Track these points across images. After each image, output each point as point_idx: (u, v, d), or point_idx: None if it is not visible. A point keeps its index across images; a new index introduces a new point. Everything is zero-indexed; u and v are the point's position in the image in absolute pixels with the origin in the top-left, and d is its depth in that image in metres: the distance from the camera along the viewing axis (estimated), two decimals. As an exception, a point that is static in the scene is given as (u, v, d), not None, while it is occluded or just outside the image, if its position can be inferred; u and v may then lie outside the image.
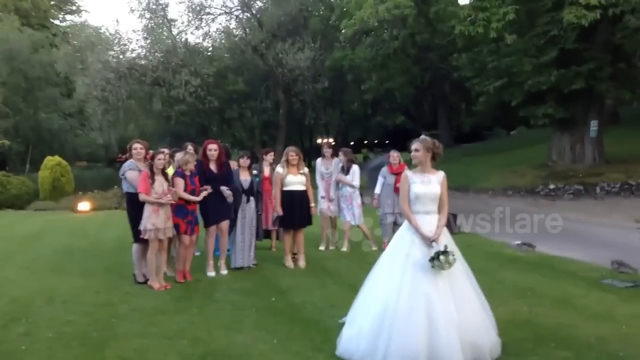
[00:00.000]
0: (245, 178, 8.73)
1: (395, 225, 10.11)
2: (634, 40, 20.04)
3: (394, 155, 10.36)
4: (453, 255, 4.64)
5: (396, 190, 10.04)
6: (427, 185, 4.98)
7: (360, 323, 4.82)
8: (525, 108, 22.96)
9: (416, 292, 4.59)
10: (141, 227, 7.32)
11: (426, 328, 4.46)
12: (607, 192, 19.93)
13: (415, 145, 5.08)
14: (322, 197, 10.23)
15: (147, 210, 7.30)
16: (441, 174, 5.07)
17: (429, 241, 4.78)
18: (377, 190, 10.28)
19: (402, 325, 4.50)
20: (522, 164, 25.33)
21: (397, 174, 10.06)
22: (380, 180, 10.32)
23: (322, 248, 10.18)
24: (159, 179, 7.39)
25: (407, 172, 5.14)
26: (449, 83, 36.85)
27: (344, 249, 10.06)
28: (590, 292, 7.05)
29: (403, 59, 33.08)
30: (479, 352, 4.55)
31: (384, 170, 10.34)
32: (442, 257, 4.59)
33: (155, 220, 7.29)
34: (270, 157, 10.00)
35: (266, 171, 9.80)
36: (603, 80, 20.98)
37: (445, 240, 4.89)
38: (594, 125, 22.35)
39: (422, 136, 5.21)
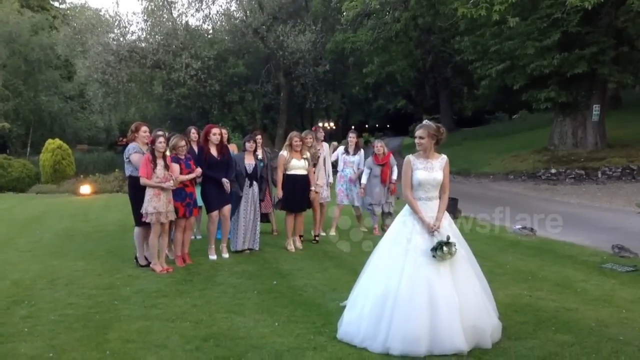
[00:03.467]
0: (249, 162, 8.73)
1: (385, 214, 10.15)
2: (637, 24, 19.86)
3: (378, 146, 10.28)
4: (455, 245, 4.65)
5: (383, 181, 10.07)
6: (430, 171, 4.95)
7: (361, 307, 4.84)
8: (527, 92, 22.87)
9: (417, 276, 4.61)
10: (142, 211, 7.33)
11: (427, 312, 4.49)
12: (609, 176, 19.91)
13: (419, 132, 5.01)
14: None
15: (149, 193, 7.31)
16: (444, 159, 5.04)
17: (431, 229, 4.78)
18: (364, 180, 10.20)
19: (404, 309, 4.52)
20: (524, 149, 25.30)
21: (383, 164, 10.07)
22: (366, 171, 10.25)
23: (332, 233, 10.11)
24: (160, 162, 7.38)
25: (410, 157, 5.05)
26: (451, 66, 36.69)
27: (332, 233, 10.04)
28: (591, 276, 7.07)
29: (405, 42, 32.87)
30: (480, 335, 4.57)
31: (369, 161, 10.24)
32: (445, 248, 4.61)
33: (156, 204, 7.30)
34: (258, 139, 9.74)
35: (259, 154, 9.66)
36: (606, 64, 20.86)
37: (447, 224, 4.90)
38: (596, 109, 22.28)
39: (426, 122, 5.15)
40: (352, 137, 10.48)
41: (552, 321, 5.32)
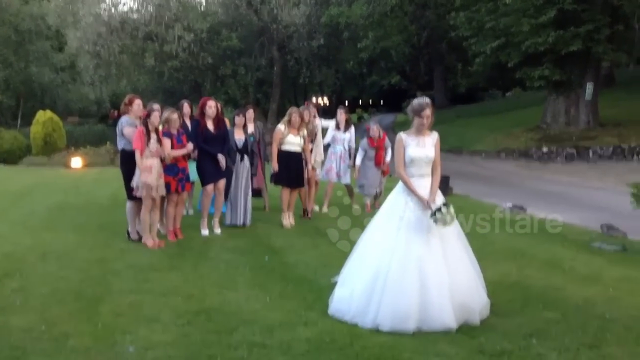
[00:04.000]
0: (239, 137, 8.69)
1: (376, 194, 10.19)
2: (633, 2, 19.83)
3: (374, 129, 10.23)
4: (452, 208, 4.69)
5: (377, 163, 10.08)
6: (422, 148, 4.93)
7: (352, 284, 4.89)
8: (521, 69, 22.84)
9: (409, 254, 4.65)
10: (133, 184, 7.29)
11: (418, 289, 4.54)
12: (600, 155, 20.03)
13: (429, 111, 4.89)
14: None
15: (139, 168, 7.26)
16: (435, 136, 5.01)
17: (426, 204, 4.79)
18: (358, 162, 10.22)
19: (394, 286, 4.57)
20: (517, 127, 25.35)
21: (378, 147, 10.06)
22: (360, 153, 10.26)
23: (325, 210, 10.14)
24: (154, 136, 7.34)
25: (402, 135, 5.01)
26: (446, 43, 36.47)
27: (325, 209, 10.06)
28: (579, 254, 7.15)
29: (400, 16, 32.62)
30: (469, 312, 4.64)
31: (364, 143, 10.22)
32: (443, 209, 4.64)
33: (147, 178, 7.27)
34: (249, 114, 9.56)
35: (250, 128, 9.58)
36: (600, 42, 20.83)
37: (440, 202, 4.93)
38: (589, 87, 22.29)
39: (425, 98, 5.09)
40: (341, 114, 10.42)
41: (540, 299, 5.39)
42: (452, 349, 4.21)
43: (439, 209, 4.66)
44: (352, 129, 10.44)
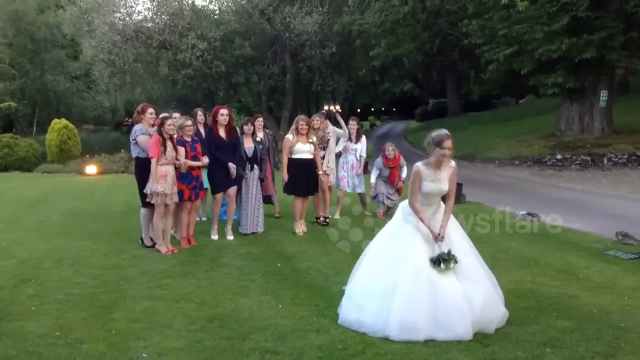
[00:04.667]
0: (249, 146, 8.74)
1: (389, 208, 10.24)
2: (647, 9, 19.68)
3: (389, 150, 10.31)
4: (455, 260, 4.68)
5: (391, 182, 10.21)
6: (437, 183, 4.90)
7: (360, 296, 4.86)
8: (534, 77, 22.74)
9: (419, 265, 4.67)
10: (147, 191, 7.35)
11: (429, 301, 4.54)
12: (615, 163, 19.84)
13: (449, 142, 4.81)
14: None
15: (155, 175, 7.32)
16: (452, 167, 4.96)
17: (436, 238, 4.81)
18: (373, 180, 10.33)
19: (404, 298, 4.57)
20: (530, 134, 25.20)
21: (393, 167, 10.14)
22: (375, 172, 10.37)
23: (337, 217, 10.16)
24: (169, 144, 7.41)
25: (420, 168, 4.92)
26: (458, 50, 36.44)
27: (336, 216, 10.07)
28: (594, 263, 7.09)
29: (412, 24, 32.66)
30: (484, 324, 4.61)
31: (379, 162, 10.35)
32: (442, 265, 4.66)
33: (163, 185, 7.33)
34: (259, 123, 9.58)
35: (259, 136, 9.61)
36: (614, 49, 20.69)
37: (455, 226, 4.95)
38: (603, 95, 22.14)
39: (444, 130, 4.96)
40: (353, 125, 10.43)
41: (554, 307, 5.35)
42: (465, 357, 4.19)
43: (440, 262, 4.65)
44: (364, 139, 10.52)
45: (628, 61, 21.60)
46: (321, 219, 9.59)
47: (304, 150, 8.73)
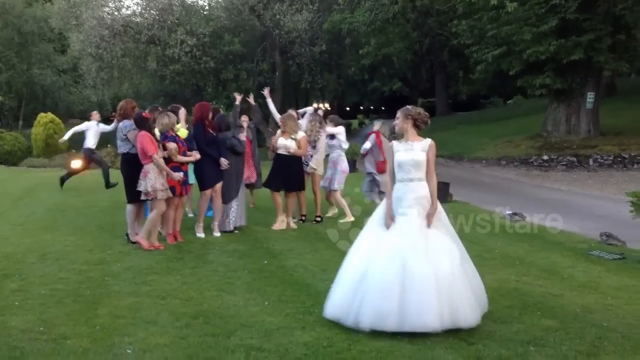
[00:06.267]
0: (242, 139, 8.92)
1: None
2: (635, 12, 19.83)
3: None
4: None
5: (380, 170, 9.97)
6: (409, 152, 5.00)
7: (338, 282, 4.98)
8: (522, 78, 22.85)
9: (393, 255, 4.71)
10: (147, 189, 7.23)
11: (399, 290, 4.57)
12: (600, 164, 20.02)
13: (398, 113, 5.15)
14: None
15: (154, 171, 7.25)
16: (427, 142, 5.04)
17: (388, 218, 4.93)
18: (368, 146, 10.08)
19: (376, 286, 4.63)
20: (517, 134, 25.35)
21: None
22: (368, 144, 10.11)
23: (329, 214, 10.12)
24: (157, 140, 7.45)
25: (394, 142, 5.17)
26: (448, 50, 36.53)
27: (350, 217, 9.97)
28: (578, 263, 7.15)
29: (402, 24, 32.63)
30: (459, 316, 4.59)
31: (373, 138, 10.13)
32: None
33: (163, 181, 7.31)
34: (244, 119, 9.69)
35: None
36: (602, 51, 20.85)
37: (440, 216, 4.99)
38: (590, 96, 22.31)
39: (410, 106, 5.25)
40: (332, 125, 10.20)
41: (538, 306, 5.40)
42: (450, 355, 4.22)
43: None
44: (340, 128, 10.25)
45: (615, 63, 21.77)
46: (314, 218, 9.56)
47: (284, 145, 8.83)
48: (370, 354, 4.22)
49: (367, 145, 10.12)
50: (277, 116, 10.22)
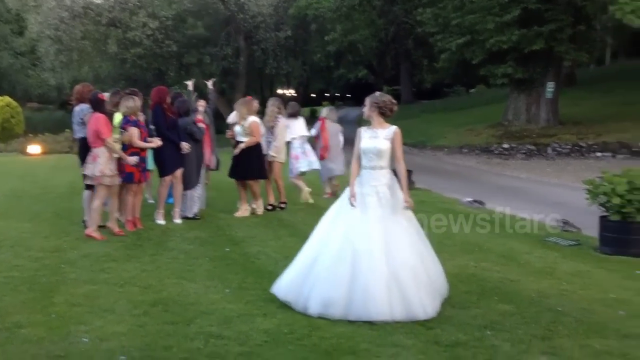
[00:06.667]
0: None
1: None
2: (595, 3, 20.26)
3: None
4: None
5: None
6: (373, 140, 5.03)
7: (293, 266, 5.07)
8: (485, 67, 23.15)
9: (346, 244, 4.75)
10: (95, 173, 7.08)
11: (348, 279, 4.63)
12: (559, 152, 20.45)
13: (366, 100, 5.17)
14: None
15: (104, 156, 7.08)
16: (391, 130, 5.06)
17: (351, 198, 4.94)
18: (314, 132, 10.52)
19: (327, 273, 4.69)
20: (479, 123, 25.72)
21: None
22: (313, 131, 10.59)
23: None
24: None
25: (361, 128, 5.19)
26: (413, 38, 36.67)
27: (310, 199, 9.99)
28: (535, 249, 7.29)
29: (368, 11, 32.67)
30: (411, 310, 4.61)
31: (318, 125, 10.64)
32: None
33: (112, 167, 7.14)
34: (201, 104, 9.50)
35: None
36: (562, 41, 21.25)
37: (390, 194, 5.00)
38: (550, 86, 22.75)
39: (378, 92, 5.25)
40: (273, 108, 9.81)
41: (495, 291, 5.49)
42: (409, 340, 4.26)
43: None
44: (279, 122, 9.71)
45: (575, 54, 22.25)
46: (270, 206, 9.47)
47: (238, 132, 8.79)
48: (330, 340, 4.23)
49: (313, 132, 10.45)
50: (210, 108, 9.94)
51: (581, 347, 4.19)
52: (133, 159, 7.34)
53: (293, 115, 10.20)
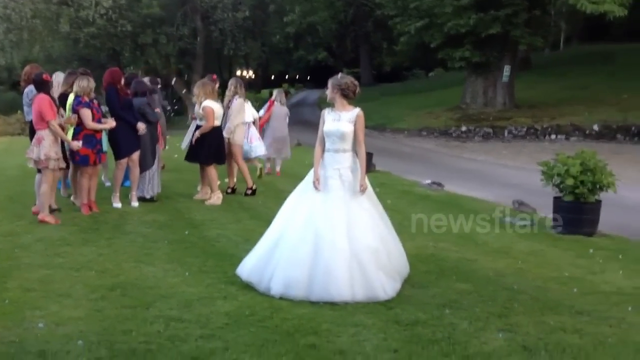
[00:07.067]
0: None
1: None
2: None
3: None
4: None
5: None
6: (336, 122, 5.00)
7: (256, 247, 5.06)
8: (443, 50, 23.39)
9: (308, 225, 4.77)
10: (40, 157, 6.80)
11: (310, 260, 4.66)
12: (514, 135, 20.92)
13: (328, 82, 5.12)
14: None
15: (49, 138, 6.83)
16: (354, 112, 5.02)
17: (315, 182, 4.95)
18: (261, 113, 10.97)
19: (289, 254, 4.72)
20: (438, 106, 26.03)
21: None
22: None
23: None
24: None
25: (325, 110, 5.15)
26: (372, 21, 36.74)
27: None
28: (492, 229, 7.45)
29: (327, -8, 32.54)
30: (372, 292, 4.66)
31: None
32: None
33: (57, 149, 6.90)
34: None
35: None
36: (518, 26, 21.64)
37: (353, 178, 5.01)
38: (506, 70, 23.17)
39: (340, 74, 5.19)
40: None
41: (454, 271, 5.59)
42: (370, 320, 4.30)
43: None
44: (233, 103, 9.25)
45: (530, 38, 22.68)
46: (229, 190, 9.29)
47: (198, 115, 8.65)
48: (292, 321, 4.23)
49: (261, 112, 10.93)
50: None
51: (536, 323, 4.30)
52: (76, 144, 7.12)
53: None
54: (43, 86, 6.93)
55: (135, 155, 7.93)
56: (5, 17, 27.05)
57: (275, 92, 11.73)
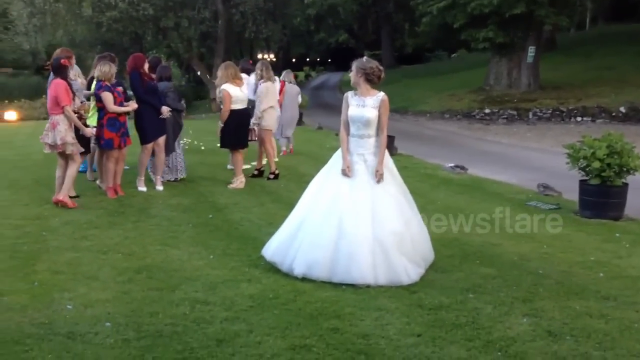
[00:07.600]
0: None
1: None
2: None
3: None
4: None
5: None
6: (360, 108, 4.97)
7: (281, 229, 5.11)
8: (466, 31, 23.05)
9: (332, 207, 4.78)
10: (56, 141, 6.87)
11: (334, 242, 4.68)
12: (539, 117, 20.61)
13: (352, 65, 5.06)
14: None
15: (64, 124, 6.89)
16: (378, 97, 4.98)
17: (346, 169, 4.92)
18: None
19: (313, 236, 4.75)
20: (461, 88, 25.72)
21: None
22: None
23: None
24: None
25: (348, 94, 5.10)
26: (394, 1, 36.34)
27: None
28: (516, 213, 7.38)
29: (348, -27, 32.23)
30: (396, 276, 4.66)
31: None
32: None
33: (73, 134, 6.99)
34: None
35: None
36: (543, 5, 21.23)
37: (391, 165, 5.04)
38: (531, 50, 22.78)
39: (365, 58, 5.14)
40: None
41: (477, 255, 5.56)
42: (393, 304, 4.31)
43: None
44: (259, 88, 9.24)
45: (555, 18, 22.23)
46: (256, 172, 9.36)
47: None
48: (315, 304, 4.26)
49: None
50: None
51: (562, 308, 4.27)
52: (89, 130, 7.23)
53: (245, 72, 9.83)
54: (60, 71, 7.00)
55: (161, 141, 8.00)
56: (28, 2, 27.32)
57: (283, 73, 12.31)
